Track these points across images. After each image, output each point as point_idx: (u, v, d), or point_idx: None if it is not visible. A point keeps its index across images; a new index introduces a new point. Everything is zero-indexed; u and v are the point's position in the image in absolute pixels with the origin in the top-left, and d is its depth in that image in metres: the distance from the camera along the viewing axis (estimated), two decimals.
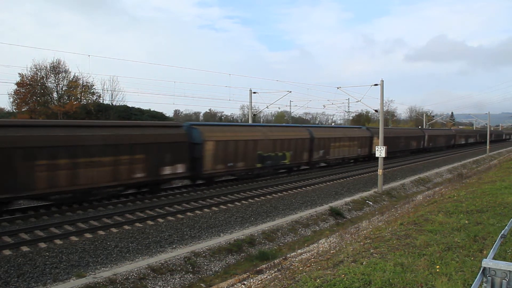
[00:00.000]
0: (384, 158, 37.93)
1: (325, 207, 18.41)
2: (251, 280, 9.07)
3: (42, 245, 11.11)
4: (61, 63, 47.64)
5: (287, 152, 24.82)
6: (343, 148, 31.55)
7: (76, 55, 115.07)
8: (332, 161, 31.18)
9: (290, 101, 66.08)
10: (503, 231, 6.29)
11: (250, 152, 21.80)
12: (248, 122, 36.01)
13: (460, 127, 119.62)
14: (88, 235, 12.16)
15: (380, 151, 22.88)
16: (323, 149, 28.72)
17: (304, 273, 7.00)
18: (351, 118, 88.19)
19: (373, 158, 36.72)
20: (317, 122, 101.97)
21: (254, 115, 43.13)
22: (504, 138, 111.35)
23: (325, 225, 16.48)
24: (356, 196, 21.46)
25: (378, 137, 35.90)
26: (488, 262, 3.19)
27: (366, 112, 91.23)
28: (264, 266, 10.48)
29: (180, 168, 18.21)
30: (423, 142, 50.42)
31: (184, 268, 10.90)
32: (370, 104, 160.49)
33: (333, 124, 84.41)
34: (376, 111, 25.17)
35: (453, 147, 64.45)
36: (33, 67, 45.94)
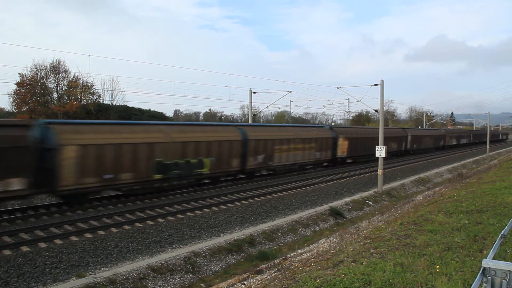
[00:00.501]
0: (352, 163, 34.01)
1: (325, 207, 18.41)
2: (251, 280, 9.07)
3: (42, 245, 11.11)
4: (61, 63, 47.76)
5: (206, 158, 19.53)
6: (294, 152, 25.81)
7: (76, 55, 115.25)
8: (279, 168, 25.32)
9: (290, 101, 66.10)
10: (503, 231, 6.30)
11: (143, 159, 16.75)
12: (248, 121, 35.89)
13: (459, 127, 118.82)
14: (88, 235, 12.16)
15: (380, 151, 22.89)
16: (263, 154, 23.10)
17: (304, 273, 7.00)
18: (351, 118, 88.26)
19: (338, 163, 32.44)
20: (317, 122, 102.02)
21: (254, 115, 43.17)
22: (500, 138, 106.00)
23: (325, 225, 16.49)
24: (356, 196, 21.46)
25: (344, 138, 31.82)
26: (488, 262, 3.20)
27: (366, 112, 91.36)
28: (264, 266, 10.48)
29: (16, 184, 13.13)
30: (405, 143, 44.74)
31: (184, 268, 10.91)
32: (370, 104, 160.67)
33: (333, 124, 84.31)
34: (376, 111, 25.18)
35: (443, 148, 58.72)
36: (33, 67, 46.04)
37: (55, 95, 48.59)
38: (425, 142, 51.37)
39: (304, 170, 28.14)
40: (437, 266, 6.33)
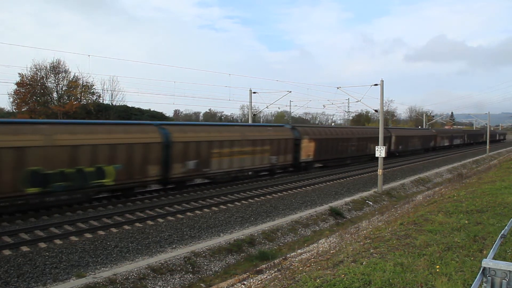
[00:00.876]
0: (321, 168, 30.02)
1: (325, 207, 18.41)
2: (251, 280, 9.07)
3: (42, 245, 11.12)
4: (61, 63, 47.77)
5: (109, 166, 15.85)
6: (240, 156, 21.79)
7: (76, 55, 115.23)
8: (220, 175, 21.12)
9: (290, 101, 66.24)
10: (503, 231, 6.30)
11: (8, 169, 13.32)
12: (248, 122, 35.85)
13: (459, 127, 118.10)
14: (88, 235, 12.17)
15: (380, 151, 22.90)
16: (195, 159, 19.30)
17: (304, 273, 7.00)
18: (351, 118, 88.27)
19: (303, 168, 27.88)
20: (317, 122, 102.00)
21: (254, 115, 43.15)
22: (498, 138, 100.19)
23: (325, 225, 16.49)
24: (356, 196, 21.47)
25: (310, 139, 27.62)
26: (488, 262, 3.19)
27: (366, 112, 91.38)
28: (264, 266, 10.48)
29: None
30: (389, 144, 39.72)
31: (184, 268, 10.91)
32: (370, 104, 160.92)
33: (333, 124, 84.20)
34: (376, 111, 25.18)
35: (434, 150, 54.27)
36: (33, 67, 46.04)
37: (55, 95, 48.62)
38: (412, 143, 46.84)
39: (258, 177, 24.27)
40: (437, 266, 6.33)
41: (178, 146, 18.61)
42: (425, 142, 51.36)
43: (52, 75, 47.86)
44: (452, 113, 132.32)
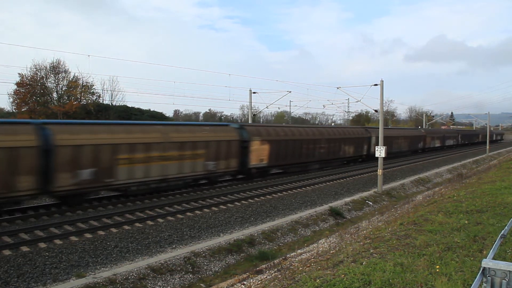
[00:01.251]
0: (282, 173, 26.05)
1: (325, 207, 18.42)
2: (251, 280, 9.07)
3: (42, 245, 11.11)
4: (61, 63, 47.80)
5: None
6: (162, 163, 17.67)
7: (76, 55, 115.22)
8: (134, 186, 17.09)
9: (290, 101, 66.41)
10: (503, 231, 6.30)
11: None
12: (248, 122, 35.89)
13: (459, 127, 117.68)
14: (88, 235, 12.16)
15: (380, 151, 22.91)
16: (93, 167, 15.24)
17: (304, 273, 7.00)
18: (351, 118, 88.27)
19: (254, 175, 23.74)
20: (317, 122, 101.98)
21: (254, 115, 43.15)
22: (495, 139, 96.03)
23: (325, 225, 16.49)
24: (356, 196, 21.47)
25: (263, 141, 23.58)
26: (488, 262, 3.20)
27: (366, 112, 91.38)
28: (264, 266, 10.49)
29: None
30: (368, 146, 35.53)
31: (184, 268, 10.91)
32: (370, 104, 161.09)
33: (333, 124, 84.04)
34: (376, 111, 25.19)
35: (423, 151, 50.70)
36: (33, 67, 46.06)
37: (55, 95, 48.64)
38: (397, 144, 41.93)
39: (197, 186, 20.30)
40: (437, 266, 6.33)
41: (65, 150, 14.53)
42: (413, 143, 47.13)
43: (52, 75, 47.91)
44: (452, 113, 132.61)
